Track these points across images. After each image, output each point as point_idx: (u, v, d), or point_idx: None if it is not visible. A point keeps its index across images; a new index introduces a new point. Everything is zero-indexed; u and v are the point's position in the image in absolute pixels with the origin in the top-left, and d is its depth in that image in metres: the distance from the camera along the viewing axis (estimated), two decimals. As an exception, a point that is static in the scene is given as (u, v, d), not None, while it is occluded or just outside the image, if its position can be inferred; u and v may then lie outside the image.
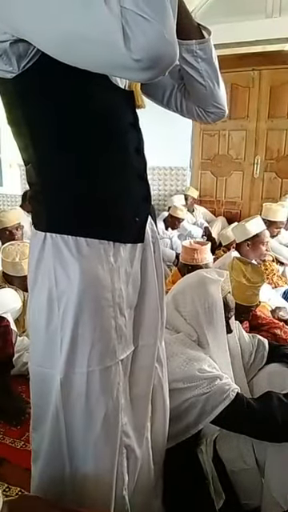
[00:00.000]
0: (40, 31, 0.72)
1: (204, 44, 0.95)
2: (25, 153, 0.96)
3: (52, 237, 0.93)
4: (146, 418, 1.14)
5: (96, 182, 0.93)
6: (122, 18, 0.65)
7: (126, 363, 1.05)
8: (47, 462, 1.01)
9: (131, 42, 0.65)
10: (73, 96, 0.86)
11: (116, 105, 0.93)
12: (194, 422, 1.30)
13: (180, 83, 1.08)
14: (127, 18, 0.65)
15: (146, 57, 0.67)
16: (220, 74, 1.02)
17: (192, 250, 2.49)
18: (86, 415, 0.98)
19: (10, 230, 3.42)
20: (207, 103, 1.06)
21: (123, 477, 1.07)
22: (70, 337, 0.94)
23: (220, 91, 1.04)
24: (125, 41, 0.65)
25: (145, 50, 0.66)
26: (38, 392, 1.02)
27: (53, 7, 0.68)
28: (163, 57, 0.69)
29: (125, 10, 0.65)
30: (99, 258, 0.94)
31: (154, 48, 0.67)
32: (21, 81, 0.84)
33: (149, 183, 1.06)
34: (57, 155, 0.91)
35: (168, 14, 0.68)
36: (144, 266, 1.05)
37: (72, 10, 0.67)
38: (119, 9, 0.66)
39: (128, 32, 0.65)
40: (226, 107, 1.09)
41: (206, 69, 0.98)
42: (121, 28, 0.65)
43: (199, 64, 0.97)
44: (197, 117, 1.11)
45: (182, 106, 1.11)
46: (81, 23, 0.67)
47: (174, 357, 1.35)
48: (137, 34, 0.65)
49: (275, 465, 1.30)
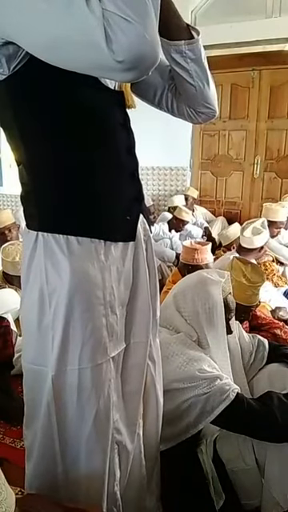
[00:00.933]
0: (26, 34, 0.74)
1: (193, 44, 0.95)
2: (17, 153, 0.97)
3: (43, 236, 0.94)
4: (138, 414, 1.15)
5: (85, 182, 0.94)
6: (104, 20, 0.67)
7: (117, 360, 1.06)
8: (40, 458, 1.02)
9: (113, 43, 0.67)
10: (62, 97, 0.88)
11: (105, 105, 0.94)
12: (194, 422, 1.30)
13: (171, 83, 1.09)
14: (109, 20, 0.67)
15: (128, 58, 0.69)
16: (210, 75, 1.02)
17: (193, 249, 2.49)
18: (77, 412, 0.99)
19: (2, 231, 3.39)
20: (197, 103, 1.06)
21: (115, 473, 1.08)
22: (62, 334, 0.95)
23: (210, 91, 1.04)
24: (107, 42, 0.67)
25: (127, 51, 0.68)
26: (31, 389, 1.03)
27: (37, 10, 0.70)
28: (145, 57, 0.70)
29: (106, 12, 0.67)
30: (90, 256, 0.95)
31: (136, 49, 0.68)
32: (11, 82, 0.85)
33: (141, 183, 1.07)
34: (46, 155, 0.93)
35: (149, 15, 0.70)
36: (136, 265, 1.06)
37: (55, 13, 0.69)
38: (101, 11, 0.67)
39: (110, 34, 0.67)
40: (216, 108, 1.09)
41: (196, 69, 0.98)
42: (102, 30, 0.67)
43: (188, 64, 0.97)
44: (187, 117, 1.12)
45: (172, 106, 1.12)
46: (63, 25, 0.69)
47: (175, 357, 1.35)
48: (118, 35, 0.67)
49: (275, 464, 1.30)
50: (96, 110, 0.92)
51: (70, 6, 0.68)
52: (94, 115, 0.92)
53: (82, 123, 0.91)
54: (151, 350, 1.17)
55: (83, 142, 0.92)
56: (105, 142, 0.95)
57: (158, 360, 1.23)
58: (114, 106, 0.97)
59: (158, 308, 1.20)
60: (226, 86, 4.85)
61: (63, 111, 0.89)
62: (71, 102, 0.89)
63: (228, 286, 1.51)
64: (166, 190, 5.34)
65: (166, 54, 0.97)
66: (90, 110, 0.91)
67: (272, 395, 1.32)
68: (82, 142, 0.92)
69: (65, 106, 0.89)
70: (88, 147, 0.93)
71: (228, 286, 1.51)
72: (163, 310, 1.52)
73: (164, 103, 1.12)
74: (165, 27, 0.92)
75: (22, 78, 0.84)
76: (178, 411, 1.31)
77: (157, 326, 1.21)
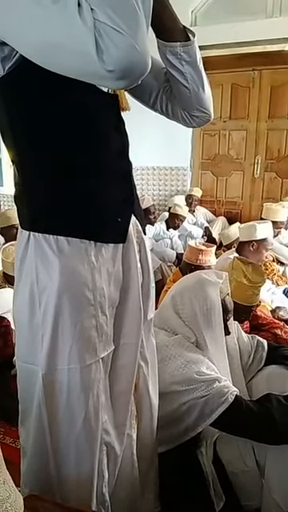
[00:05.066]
0: (19, 38, 0.75)
1: (188, 47, 0.95)
2: (10, 153, 0.98)
3: (35, 236, 0.95)
4: (127, 415, 1.15)
5: (73, 183, 0.94)
6: (96, 30, 0.68)
7: (106, 361, 1.06)
8: (33, 456, 1.03)
9: (104, 53, 0.69)
10: (53, 99, 0.88)
11: (98, 108, 0.94)
12: (193, 425, 1.30)
13: (166, 86, 1.09)
14: (100, 31, 0.68)
15: (119, 68, 0.70)
16: (206, 79, 1.02)
17: (198, 250, 2.48)
18: (67, 412, 0.99)
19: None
20: (192, 107, 1.06)
21: (103, 474, 1.09)
22: (51, 333, 0.95)
23: (205, 95, 1.04)
24: (97, 52, 0.69)
25: (117, 61, 0.70)
26: (24, 387, 1.04)
27: (31, 15, 0.71)
28: (135, 68, 0.72)
29: (98, 23, 0.68)
30: (80, 256, 0.96)
31: (126, 60, 0.70)
32: (5, 82, 0.86)
33: (133, 185, 1.07)
34: (36, 155, 0.93)
35: (140, 25, 0.71)
36: (127, 266, 1.06)
37: (48, 19, 0.70)
38: (92, 20, 0.68)
39: (101, 44, 0.69)
40: (211, 112, 1.08)
41: (190, 72, 0.98)
42: (93, 39, 0.68)
43: (183, 67, 0.97)
44: (182, 120, 1.12)
45: (167, 108, 1.12)
46: (54, 32, 0.70)
47: (172, 359, 1.35)
48: (109, 46, 0.69)
49: (275, 466, 1.30)
50: (88, 113, 0.92)
51: (63, 13, 0.69)
52: (85, 118, 0.92)
53: (72, 125, 0.91)
54: (143, 350, 1.17)
55: (73, 142, 0.92)
56: (95, 145, 0.95)
57: (153, 360, 1.22)
58: (108, 109, 0.96)
59: (152, 309, 1.20)
60: (227, 85, 4.85)
61: (54, 113, 0.89)
62: (63, 104, 0.89)
63: (226, 287, 1.50)
64: (167, 190, 5.34)
65: (161, 56, 0.97)
66: (82, 113, 0.91)
67: (271, 397, 1.31)
68: (71, 143, 0.92)
69: (56, 107, 0.89)
70: (77, 148, 0.93)
71: (226, 287, 1.50)
72: (160, 311, 1.51)
73: (159, 105, 1.12)
74: (160, 28, 0.92)
75: (16, 78, 0.85)
76: (177, 414, 1.30)
77: (150, 327, 1.21)
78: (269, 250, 2.89)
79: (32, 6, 0.70)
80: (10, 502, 0.69)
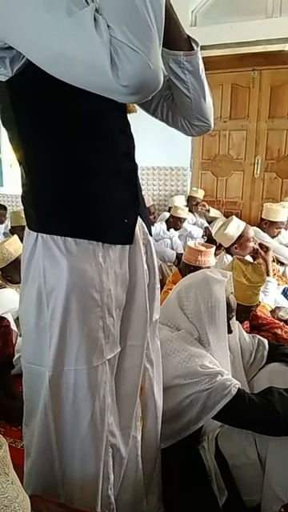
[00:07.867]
0: (32, 47, 0.76)
1: (191, 56, 0.96)
2: (17, 154, 0.98)
3: (43, 237, 0.95)
4: (132, 417, 1.15)
5: (79, 184, 0.95)
6: (111, 47, 0.69)
7: (112, 363, 1.06)
8: (37, 457, 1.03)
9: (119, 70, 0.70)
10: (62, 101, 0.88)
11: (104, 110, 0.94)
12: (196, 418, 1.30)
13: (167, 94, 1.09)
14: (116, 48, 0.69)
15: (132, 84, 0.72)
16: (208, 89, 1.03)
17: (197, 251, 2.48)
18: (73, 413, 0.99)
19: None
20: (192, 116, 1.06)
21: (109, 476, 1.08)
22: (59, 334, 0.95)
23: (206, 105, 1.04)
24: (112, 68, 0.70)
25: (131, 78, 0.71)
26: (29, 388, 1.03)
27: (45, 25, 0.71)
28: (148, 85, 0.74)
29: (114, 40, 0.69)
30: (88, 257, 0.95)
31: (140, 77, 0.71)
32: (13, 84, 0.86)
33: (139, 186, 1.07)
34: (44, 157, 0.93)
35: (154, 43, 0.72)
36: (133, 268, 1.06)
37: (62, 29, 0.71)
38: (108, 36, 0.69)
39: (116, 60, 0.70)
40: (211, 122, 1.09)
41: (192, 81, 0.99)
42: (109, 55, 0.69)
43: (186, 76, 0.98)
44: (182, 128, 1.12)
45: (168, 116, 1.12)
46: (69, 43, 0.71)
47: (176, 353, 1.36)
48: (124, 63, 0.70)
49: (276, 458, 1.31)
50: (95, 115, 0.93)
51: (79, 27, 0.70)
52: (92, 120, 0.93)
53: (79, 127, 0.92)
54: (149, 352, 1.17)
55: (79, 144, 0.93)
56: (101, 147, 0.96)
57: (158, 361, 1.23)
58: (114, 112, 0.97)
59: (157, 311, 1.20)
60: (227, 85, 4.86)
61: (61, 115, 0.90)
62: (70, 106, 0.89)
63: (230, 285, 1.52)
64: (167, 190, 5.34)
65: (164, 64, 0.97)
66: (88, 114, 0.92)
67: (273, 390, 1.33)
68: (78, 144, 0.93)
69: (63, 110, 0.89)
70: (84, 150, 0.93)
71: (230, 286, 1.52)
72: (165, 307, 1.52)
73: (159, 113, 1.13)
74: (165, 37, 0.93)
75: (24, 79, 0.85)
76: (180, 407, 1.31)
77: (155, 329, 1.21)
78: (252, 237, 2.90)
79: (45, 18, 0.71)
80: (18, 502, 0.69)
